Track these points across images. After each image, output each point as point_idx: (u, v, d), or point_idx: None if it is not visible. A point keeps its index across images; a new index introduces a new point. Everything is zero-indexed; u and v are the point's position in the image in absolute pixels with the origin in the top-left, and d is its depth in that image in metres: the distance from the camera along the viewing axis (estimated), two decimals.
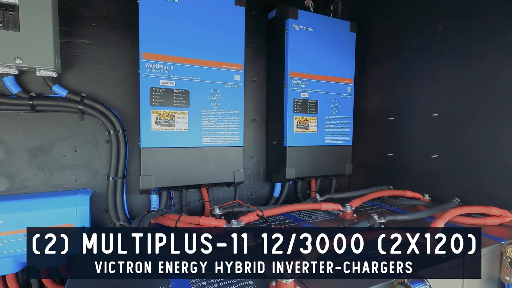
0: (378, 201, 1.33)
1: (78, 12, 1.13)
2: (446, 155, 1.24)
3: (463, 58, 1.17)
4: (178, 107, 1.13)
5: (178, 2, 1.10)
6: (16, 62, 0.91)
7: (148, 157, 1.09)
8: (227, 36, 1.20)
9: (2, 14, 0.89)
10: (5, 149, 1.07)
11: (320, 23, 1.42)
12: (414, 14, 1.35)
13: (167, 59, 1.10)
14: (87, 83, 1.16)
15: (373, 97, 1.56)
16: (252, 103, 1.49)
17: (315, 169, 1.47)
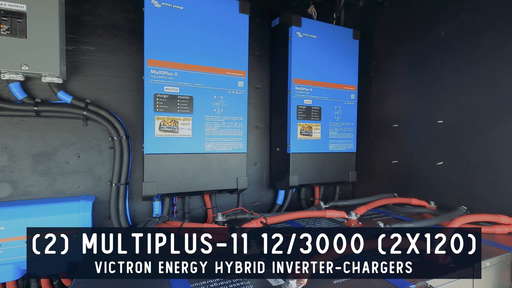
0: (383, 208, 1.31)
1: (85, 19, 1.15)
2: (452, 162, 1.22)
3: (467, 64, 1.17)
4: (182, 113, 1.13)
5: (183, 10, 1.11)
6: (23, 69, 0.92)
7: (151, 163, 1.09)
8: (231, 43, 1.21)
9: (10, 22, 0.90)
10: (9, 154, 1.07)
11: (323, 31, 1.43)
12: (416, 21, 1.36)
13: (171, 65, 1.10)
14: (92, 89, 1.16)
15: (377, 103, 1.55)
16: (255, 110, 1.49)
17: (319, 176, 1.46)
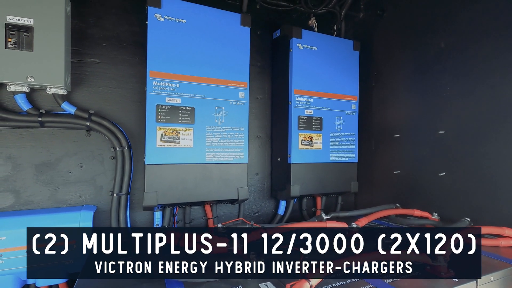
0: (385, 220, 1.30)
1: (90, 32, 1.17)
2: (455, 173, 1.21)
3: (467, 74, 1.17)
4: (183, 124, 1.14)
5: (185, 23, 1.14)
6: (28, 80, 0.94)
7: (152, 173, 1.09)
8: (233, 55, 1.23)
9: (18, 36, 0.93)
10: (13, 164, 1.08)
11: (324, 42, 1.45)
12: (416, 32, 1.37)
13: (173, 77, 1.12)
14: (96, 100, 1.18)
15: (378, 114, 1.56)
16: (256, 120, 1.50)
17: (320, 186, 1.45)
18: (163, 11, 1.10)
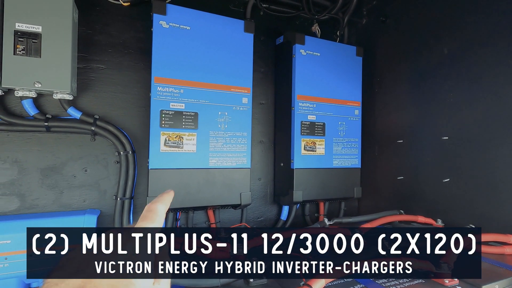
0: (389, 226, 1.29)
1: (96, 39, 1.20)
2: (459, 179, 1.20)
3: (471, 80, 1.17)
4: (186, 129, 1.15)
5: (190, 30, 1.16)
6: (36, 86, 0.96)
7: (155, 178, 1.10)
8: (236, 61, 1.24)
9: (26, 42, 0.95)
10: (19, 168, 1.10)
11: (326, 48, 1.46)
12: (419, 38, 1.37)
13: (177, 83, 1.14)
14: (101, 106, 1.20)
15: (381, 119, 1.55)
16: (259, 125, 1.51)
17: (323, 192, 1.45)
18: (168, 18, 1.12)
